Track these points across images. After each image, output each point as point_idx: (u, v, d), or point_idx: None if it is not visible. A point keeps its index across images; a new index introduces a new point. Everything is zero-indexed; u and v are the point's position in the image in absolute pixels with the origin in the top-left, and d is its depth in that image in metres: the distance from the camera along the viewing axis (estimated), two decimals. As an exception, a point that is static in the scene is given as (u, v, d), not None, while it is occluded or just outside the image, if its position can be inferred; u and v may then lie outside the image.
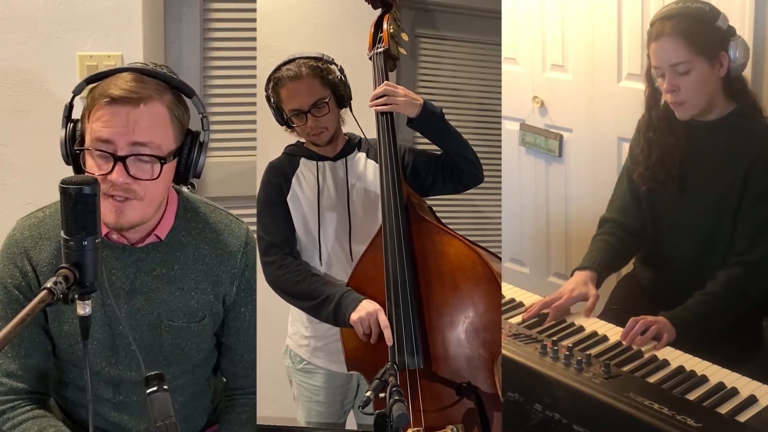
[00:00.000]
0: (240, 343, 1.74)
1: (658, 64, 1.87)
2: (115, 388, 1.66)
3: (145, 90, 1.50)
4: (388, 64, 1.94)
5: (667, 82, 1.86)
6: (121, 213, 1.51)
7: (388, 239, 1.82)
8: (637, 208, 2.05)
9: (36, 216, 1.65)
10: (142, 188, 1.51)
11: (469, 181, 1.95)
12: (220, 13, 2.37)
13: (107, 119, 1.48)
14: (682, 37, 1.81)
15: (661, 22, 1.84)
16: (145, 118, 1.49)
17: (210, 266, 1.67)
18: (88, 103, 1.51)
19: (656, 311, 1.84)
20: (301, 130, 1.96)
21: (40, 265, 1.60)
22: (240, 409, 1.75)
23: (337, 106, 1.96)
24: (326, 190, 1.97)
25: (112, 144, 1.48)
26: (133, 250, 1.62)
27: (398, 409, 1.41)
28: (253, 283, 1.72)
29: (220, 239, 1.68)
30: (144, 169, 1.51)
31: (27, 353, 1.63)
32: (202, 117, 1.58)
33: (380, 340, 1.79)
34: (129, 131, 1.48)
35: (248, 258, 1.71)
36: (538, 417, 1.71)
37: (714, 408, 1.57)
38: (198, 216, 1.69)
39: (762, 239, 1.85)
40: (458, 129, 1.92)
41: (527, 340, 1.82)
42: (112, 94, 1.47)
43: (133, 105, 1.48)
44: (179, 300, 1.64)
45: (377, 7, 1.97)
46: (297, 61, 1.92)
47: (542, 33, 2.55)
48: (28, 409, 1.63)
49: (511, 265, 2.70)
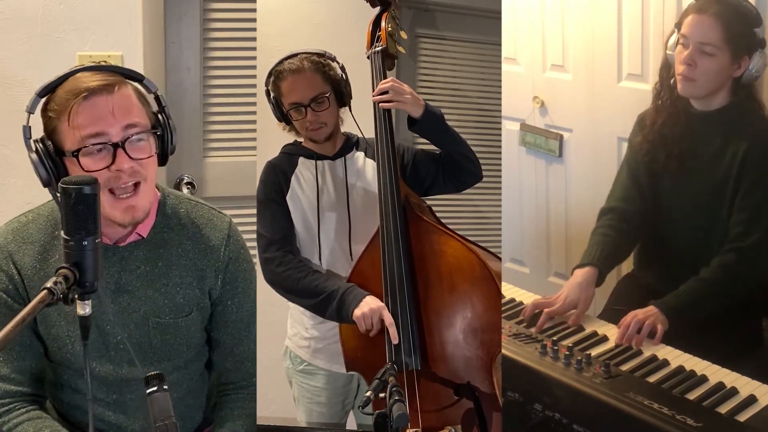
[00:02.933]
0: (228, 336, 1.74)
1: (688, 35, 1.88)
2: (108, 387, 1.66)
3: (112, 77, 1.52)
4: (387, 63, 1.93)
5: (687, 55, 1.88)
6: (134, 207, 1.53)
7: (386, 239, 1.81)
8: (637, 195, 2.07)
9: (19, 220, 1.65)
10: (144, 168, 1.53)
11: (470, 179, 1.95)
12: (220, 13, 2.37)
13: (91, 112, 1.48)
14: (723, 24, 1.85)
15: (710, 0, 1.87)
16: (123, 100, 1.51)
17: (194, 261, 1.67)
18: (56, 110, 1.49)
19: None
20: (299, 125, 1.95)
21: (24, 269, 1.60)
22: (232, 404, 1.75)
23: (337, 103, 1.96)
24: (326, 190, 1.97)
25: (105, 135, 1.48)
26: (116, 249, 1.62)
27: (398, 409, 1.41)
28: (238, 276, 1.72)
29: (202, 233, 1.69)
30: (142, 148, 1.53)
31: (19, 356, 1.63)
32: (157, 95, 1.59)
33: (379, 340, 1.78)
34: (116, 116, 1.49)
35: (231, 250, 1.71)
36: (538, 417, 1.71)
37: (714, 408, 1.57)
38: (179, 212, 1.69)
39: (756, 226, 1.87)
40: (458, 129, 1.92)
41: (527, 340, 1.83)
42: (86, 89, 1.47)
43: (108, 92, 1.49)
44: (165, 296, 1.65)
45: (376, 5, 1.97)
46: (299, 56, 1.93)
47: (542, 33, 2.55)
48: (24, 411, 1.63)
49: (511, 265, 2.70)
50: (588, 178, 2.52)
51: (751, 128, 1.91)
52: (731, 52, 1.86)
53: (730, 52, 1.86)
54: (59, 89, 1.50)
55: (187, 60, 2.37)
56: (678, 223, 2.03)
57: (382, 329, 1.78)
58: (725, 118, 1.92)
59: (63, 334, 1.62)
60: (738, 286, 1.88)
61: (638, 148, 2.05)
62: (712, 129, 1.93)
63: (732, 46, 1.85)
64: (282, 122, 1.99)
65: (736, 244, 1.88)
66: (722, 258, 1.89)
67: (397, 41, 1.95)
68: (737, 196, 1.89)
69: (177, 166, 2.39)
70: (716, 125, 1.93)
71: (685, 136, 1.97)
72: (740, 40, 1.86)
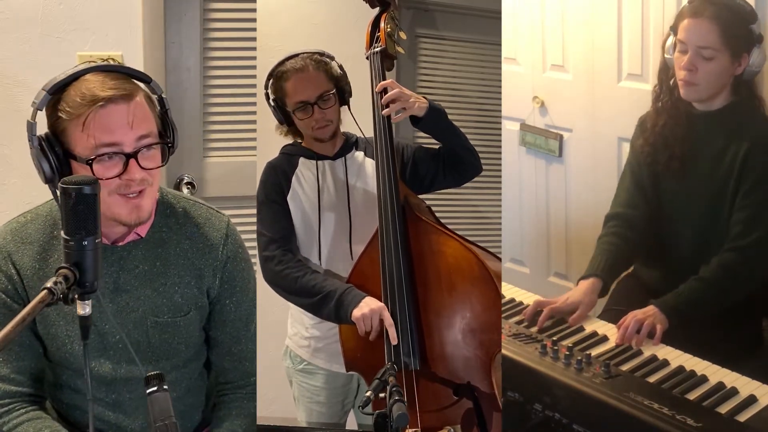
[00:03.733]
0: (226, 335, 1.74)
1: (685, 40, 1.88)
2: (107, 387, 1.66)
3: (127, 83, 1.52)
4: (386, 64, 1.93)
5: (687, 61, 1.88)
6: (141, 207, 1.54)
7: (385, 240, 1.81)
8: (642, 199, 2.07)
9: (18, 221, 1.65)
10: (152, 175, 1.55)
11: (471, 171, 1.95)
12: (220, 13, 2.37)
13: (107, 122, 1.48)
14: (719, 25, 1.84)
15: (704, 3, 1.87)
16: (139, 109, 1.51)
17: (192, 260, 1.68)
18: (70, 113, 1.48)
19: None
20: (305, 124, 1.95)
21: (23, 269, 1.60)
22: (231, 404, 1.75)
23: (339, 102, 1.96)
24: (326, 189, 1.97)
25: (119, 144, 1.49)
26: (114, 249, 1.62)
27: (398, 409, 1.41)
28: (236, 275, 1.73)
29: (200, 233, 1.69)
30: (153, 158, 1.54)
31: (18, 356, 1.63)
32: (161, 97, 1.59)
33: (379, 340, 1.78)
34: (132, 127, 1.50)
35: (229, 250, 1.71)
36: (538, 417, 1.71)
37: (714, 408, 1.57)
38: (177, 212, 1.70)
39: (756, 225, 1.87)
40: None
41: (527, 340, 1.83)
42: (104, 97, 1.47)
43: (126, 101, 1.49)
44: (163, 296, 1.65)
45: (375, 6, 1.97)
46: (300, 56, 1.93)
47: (542, 33, 2.55)
48: (24, 411, 1.63)
49: (512, 265, 2.70)
50: (588, 178, 2.52)
51: (752, 128, 1.91)
52: (731, 53, 1.86)
53: (730, 53, 1.86)
54: (70, 89, 1.49)
55: (187, 60, 2.37)
56: (679, 223, 2.03)
57: (382, 331, 1.78)
58: (727, 118, 1.92)
59: (62, 334, 1.62)
60: (738, 285, 1.89)
61: (640, 150, 2.05)
62: (714, 129, 1.94)
63: (731, 47, 1.85)
64: (283, 125, 1.99)
65: (736, 243, 1.88)
66: (722, 257, 1.89)
67: (396, 42, 1.95)
68: (738, 195, 1.89)
69: (177, 166, 2.39)
70: (718, 125, 1.93)
71: (686, 137, 1.97)
72: (738, 39, 1.85)
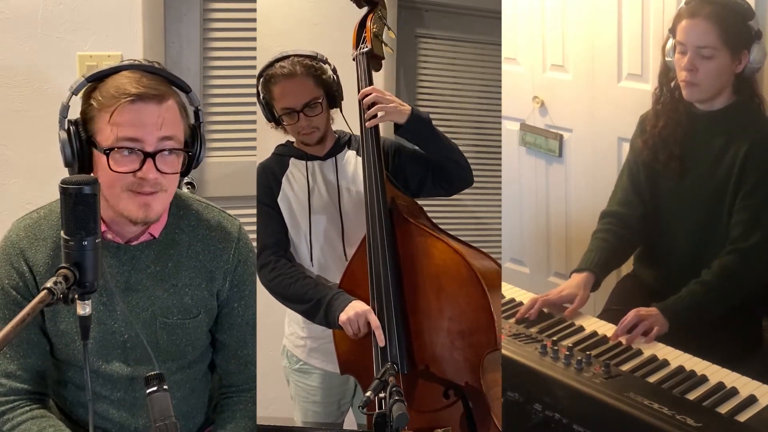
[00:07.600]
0: (233, 338, 1.74)
1: (684, 41, 1.88)
2: (114, 385, 1.67)
3: (162, 86, 1.52)
4: (372, 65, 1.90)
5: (687, 61, 1.88)
6: (149, 207, 1.54)
7: (372, 242, 1.80)
8: (638, 199, 2.07)
9: (31, 217, 1.65)
10: (167, 181, 1.54)
11: (459, 184, 1.93)
12: (220, 13, 2.37)
13: (134, 117, 1.48)
14: (717, 24, 1.84)
15: (700, 3, 1.87)
16: (169, 113, 1.52)
17: (203, 262, 1.68)
18: (101, 102, 1.49)
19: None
20: (291, 129, 1.93)
21: (36, 266, 1.60)
22: (234, 407, 1.75)
23: (329, 106, 1.94)
24: (317, 191, 1.96)
25: (141, 141, 1.49)
26: (127, 248, 1.62)
27: (398, 409, 1.41)
28: (245, 279, 1.73)
29: (212, 236, 1.70)
30: (171, 163, 1.53)
31: (25, 353, 1.63)
32: (197, 110, 1.60)
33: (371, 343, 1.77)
34: (158, 127, 1.50)
35: (240, 253, 1.72)
36: (538, 417, 1.71)
37: (714, 408, 1.57)
38: (191, 213, 1.70)
39: (756, 228, 1.87)
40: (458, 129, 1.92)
41: (527, 340, 1.82)
42: (135, 93, 1.48)
43: (157, 101, 1.50)
44: (174, 297, 1.65)
45: (362, 5, 1.94)
46: (291, 59, 1.89)
47: (542, 33, 2.55)
48: (28, 409, 1.63)
49: (511, 265, 2.70)
50: (588, 178, 2.53)
51: (752, 128, 1.91)
52: (730, 51, 1.86)
53: (729, 51, 1.86)
54: (108, 80, 1.51)
55: (187, 60, 2.36)
56: (679, 224, 2.03)
57: (370, 332, 1.77)
58: (728, 118, 1.92)
59: (71, 330, 1.61)
60: (739, 287, 1.88)
61: (639, 150, 2.05)
62: (715, 129, 1.93)
63: (730, 45, 1.85)
64: (271, 122, 1.97)
65: (737, 245, 1.88)
66: (723, 259, 1.89)
67: (383, 42, 1.92)
68: (738, 196, 1.89)
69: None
70: (719, 125, 1.93)
71: (687, 137, 1.96)
72: (737, 37, 1.85)
